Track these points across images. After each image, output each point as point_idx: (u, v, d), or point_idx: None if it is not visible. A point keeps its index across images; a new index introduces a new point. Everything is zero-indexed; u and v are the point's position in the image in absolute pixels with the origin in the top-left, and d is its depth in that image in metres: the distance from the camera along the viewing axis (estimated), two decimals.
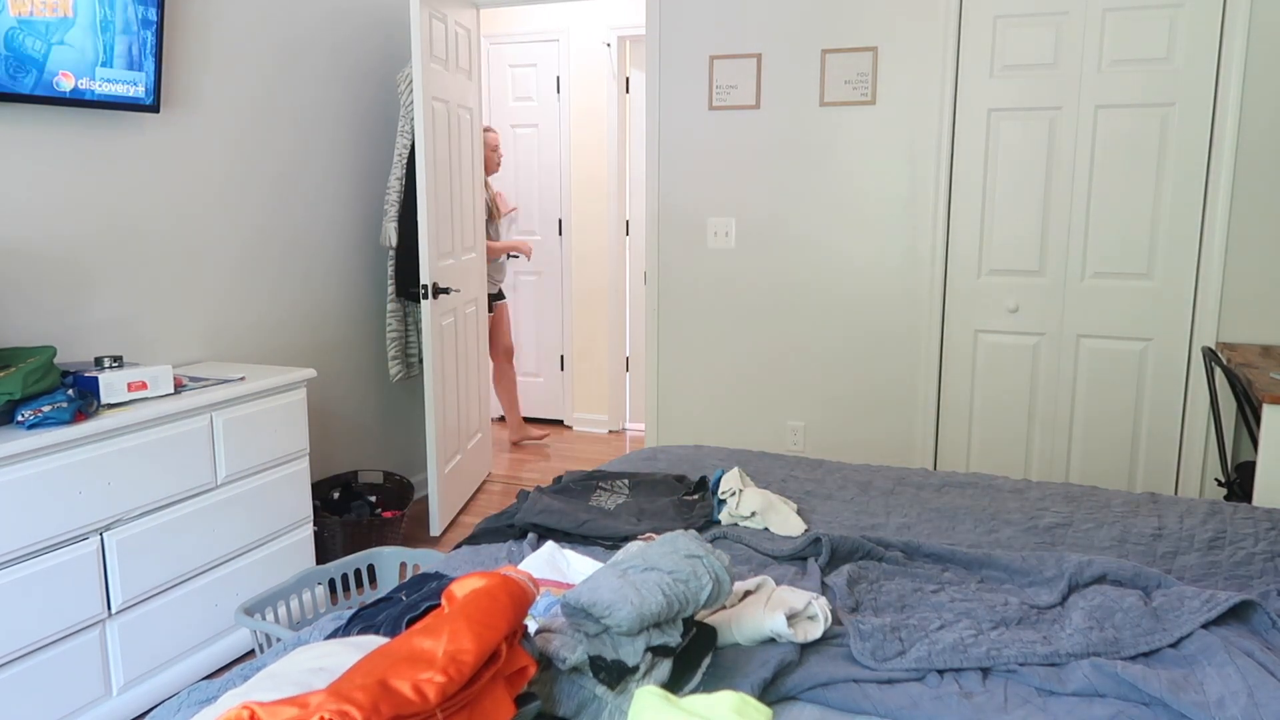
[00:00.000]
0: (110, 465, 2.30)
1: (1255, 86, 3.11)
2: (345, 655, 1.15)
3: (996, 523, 2.00)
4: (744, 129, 3.76)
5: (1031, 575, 1.66)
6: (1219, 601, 1.42)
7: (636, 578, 1.20)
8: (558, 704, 1.14)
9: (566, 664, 1.13)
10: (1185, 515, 2.01)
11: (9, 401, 2.15)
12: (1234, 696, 1.19)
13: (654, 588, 1.18)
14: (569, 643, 1.15)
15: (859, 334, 3.72)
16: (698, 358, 3.97)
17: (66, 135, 2.60)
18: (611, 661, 1.14)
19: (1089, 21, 3.29)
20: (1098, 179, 3.36)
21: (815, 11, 3.60)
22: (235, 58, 3.13)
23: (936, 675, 1.31)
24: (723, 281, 3.88)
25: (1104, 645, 1.36)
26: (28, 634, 2.14)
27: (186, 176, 2.98)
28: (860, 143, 3.62)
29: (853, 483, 2.29)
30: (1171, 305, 3.33)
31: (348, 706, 0.88)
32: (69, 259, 2.63)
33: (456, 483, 3.98)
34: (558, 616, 1.23)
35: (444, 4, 3.76)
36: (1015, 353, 3.56)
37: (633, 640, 1.16)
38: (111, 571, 2.33)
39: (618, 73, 5.21)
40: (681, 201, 3.90)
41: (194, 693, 1.26)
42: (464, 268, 4.09)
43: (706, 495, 2.13)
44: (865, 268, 3.68)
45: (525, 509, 1.98)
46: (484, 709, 1.01)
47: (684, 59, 3.81)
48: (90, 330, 2.71)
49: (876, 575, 1.66)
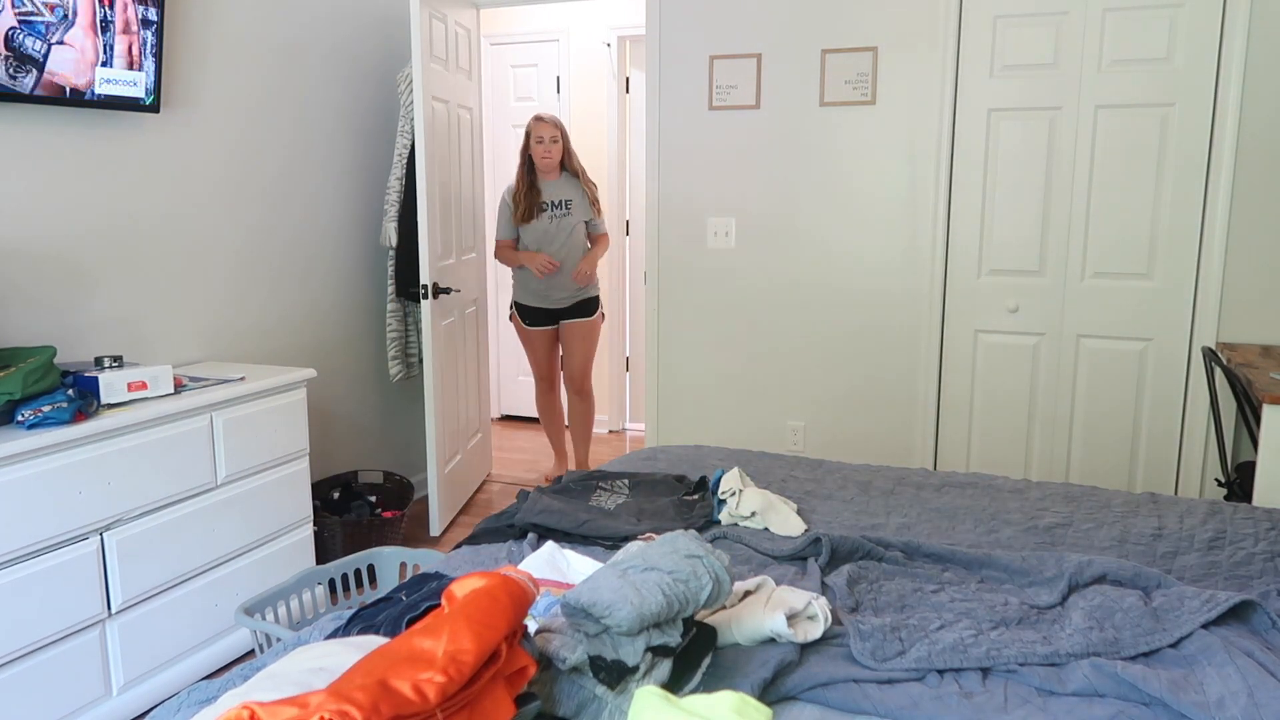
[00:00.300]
0: (110, 465, 2.30)
1: (1255, 86, 3.11)
2: (345, 655, 1.15)
3: (996, 523, 2.00)
4: (744, 129, 3.76)
5: (1031, 575, 1.66)
6: (1219, 601, 1.42)
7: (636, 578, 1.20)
8: (558, 704, 1.14)
9: (566, 664, 1.13)
10: (1185, 515, 2.01)
11: (9, 401, 2.15)
12: (1234, 696, 1.19)
13: (654, 588, 1.18)
14: (569, 643, 1.16)
15: (859, 334, 3.72)
16: (698, 358, 3.97)
17: (66, 135, 2.60)
18: (611, 661, 1.14)
19: (1089, 21, 3.29)
20: (1098, 179, 3.36)
21: (815, 11, 3.60)
22: (235, 58, 3.13)
23: (936, 675, 1.31)
24: (723, 281, 3.88)
25: (1104, 645, 1.36)
26: (28, 634, 2.14)
27: (186, 176, 2.98)
28: (860, 142, 3.62)
29: (853, 483, 2.29)
30: (1171, 305, 3.33)
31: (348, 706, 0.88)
32: (69, 259, 2.63)
33: (456, 483, 3.98)
34: (558, 616, 1.23)
35: (444, 4, 3.76)
36: (1015, 353, 3.56)
37: (633, 640, 1.16)
38: (111, 571, 2.33)
39: (618, 73, 5.21)
40: (681, 201, 3.90)
41: (194, 693, 1.26)
42: (464, 268, 4.09)
43: (706, 495, 2.13)
44: (865, 268, 3.68)
45: (525, 509, 1.98)
46: (484, 709, 1.01)
47: (684, 59, 3.81)
48: (90, 330, 2.71)
49: (876, 575, 1.66)
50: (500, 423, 5.68)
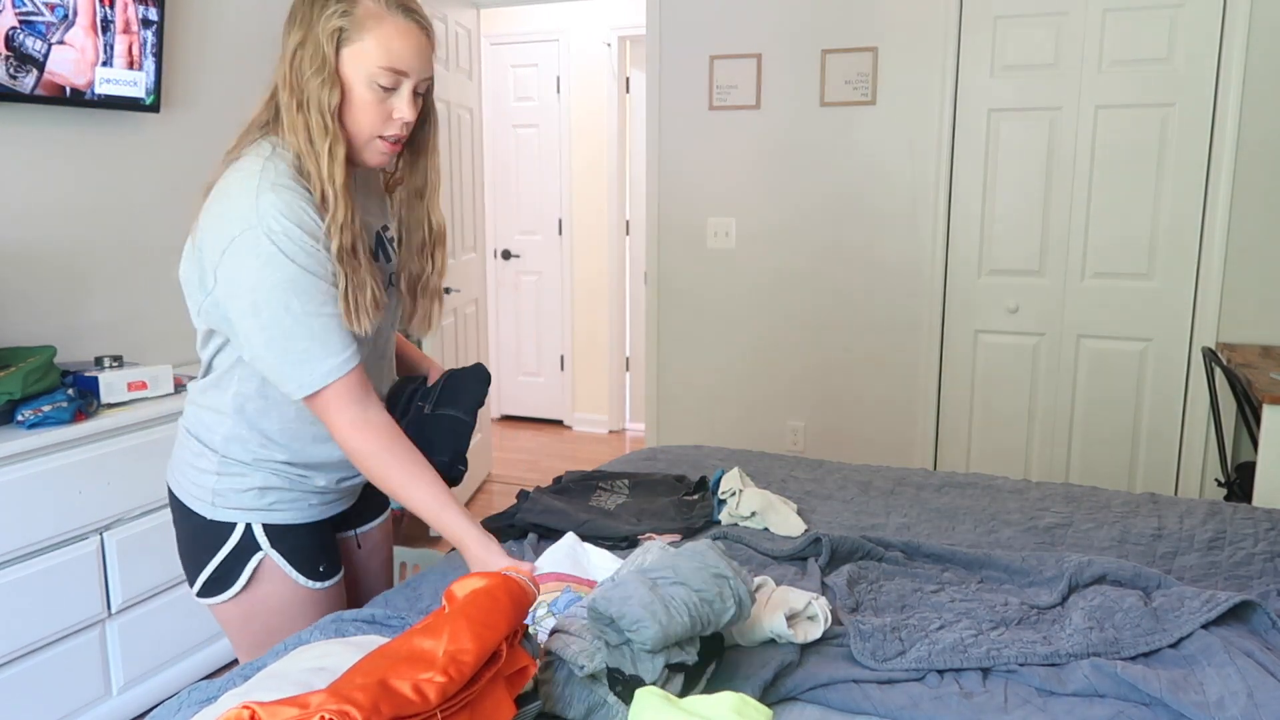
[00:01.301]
0: (110, 465, 2.30)
1: (1255, 86, 3.11)
2: (345, 655, 1.15)
3: (996, 523, 2.00)
4: (744, 129, 3.76)
5: (1031, 575, 1.66)
6: (1219, 602, 1.42)
7: (666, 592, 1.19)
8: (569, 705, 1.14)
9: (584, 671, 1.13)
10: (1185, 515, 2.01)
11: (9, 401, 2.15)
12: (1234, 697, 1.19)
13: (681, 606, 1.17)
14: (588, 649, 1.15)
15: (859, 334, 3.72)
16: (698, 358, 3.97)
17: (66, 135, 2.60)
18: (629, 676, 1.14)
19: (1089, 21, 3.29)
20: (1098, 179, 3.36)
21: (815, 11, 3.60)
22: (235, 58, 3.13)
23: (936, 675, 1.31)
24: (723, 281, 3.88)
25: (1104, 645, 1.35)
26: (28, 634, 2.14)
27: (187, 176, 2.98)
28: (860, 143, 3.62)
29: (853, 483, 2.29)
30: (1171, 305, 3.33)
31: (348, 707, 0.88)
32: (69, 259, 2.63)
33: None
34: (577, 617, 1.22)
35: (444, 4, 3.76)
36: (1015, 353, 3.56)
37: (653, 658, 1.16)
38: (111, 571, 2.33)
39: (618, 73, 5.21)
40: (681, 201, 3.90)
41: (194, 693, 1.26)
42: (464, 268, 4.09)
43: (706, 495, 2.13)
44: (865, 267, 3.68)
45: (525, 509, 1.98)
46: (484, 709, 1.01)
47: (684, 59, 3.81)
48: (90, 330, 2.70)
49: (876, 575, 1.66)
50: (500, 423, 5.68)
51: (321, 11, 1.35)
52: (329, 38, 1.34)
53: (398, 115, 1.39)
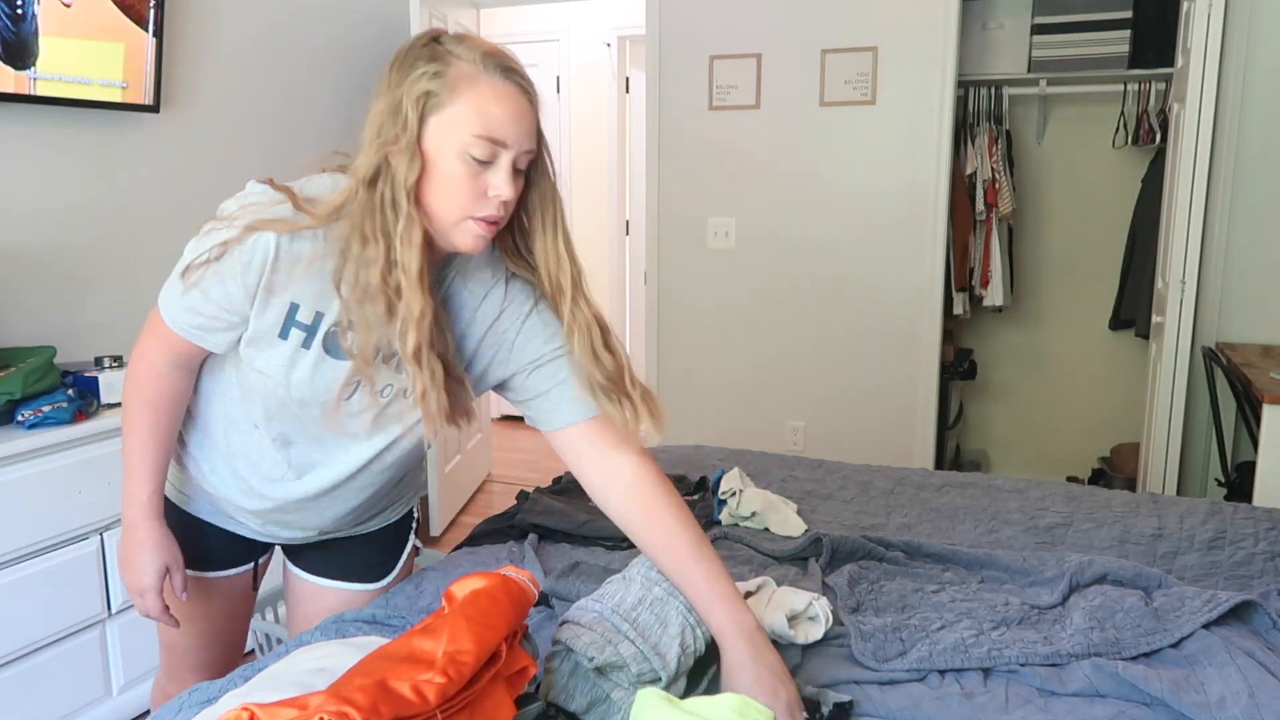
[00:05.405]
0: (110, 465, 2.30)
1: (1255, 86, 3.10)
2: (345, 656, 1.15)
3: (997, 523, 2.00)
4: (744, 129, 3.76)
5: (1032, 575, 1.66)
6: (1220, 602, 1.42)
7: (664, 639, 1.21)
8: (570, 698, 1.14)
9: (594, 663, 1.13)
10: (1185, 515, 2.01)
11: (9, 401, 2.15)
12: (1235, 697, 1.19)
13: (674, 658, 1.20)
14: (598, 642, 1.15)
15: (859, 334, 3.72)
16: (697, 358, 3.96)
17: (66, 135, 2.60)
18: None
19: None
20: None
21: (815, 11, 3.60)
22: (235, 58, 3.13)
23: (938, 675, 1.31)
24: (723, 281, 3.88)
25: (1105, 645, 1.35)
26: (28, 634, 2.14)
27: (186, 176, 2.98)
28: (860, 143, 3.62)
29: (853, 483, 2.29)
30: (1171, 305, 3.33)
31: (347, 708, 0.88)
32: (69, 259, 2.63)
33: (456, 483, 3.97)
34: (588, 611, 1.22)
35: (444, 4, 3.75)
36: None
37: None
38: (112, 571, 2.33)
39: (618, 73, 5.21)
40: (681, 201, 3.90)
41: (194, 693, 1.26)
42: None
43: (706, 495, 2.12)
44: (865, 267, 3.67)
45: (525, 509, 1.99)
46: (484, 710, 1.01)
47: (684, 59, 3.81)
48: (90, 330, 2.70)
49: (877, 575, 1.66)
50: (500, 423, 5.68)
51: (409, 73, 1.20)
52: (415, 103, 1.19)
53: (493, 193, 1.21)
